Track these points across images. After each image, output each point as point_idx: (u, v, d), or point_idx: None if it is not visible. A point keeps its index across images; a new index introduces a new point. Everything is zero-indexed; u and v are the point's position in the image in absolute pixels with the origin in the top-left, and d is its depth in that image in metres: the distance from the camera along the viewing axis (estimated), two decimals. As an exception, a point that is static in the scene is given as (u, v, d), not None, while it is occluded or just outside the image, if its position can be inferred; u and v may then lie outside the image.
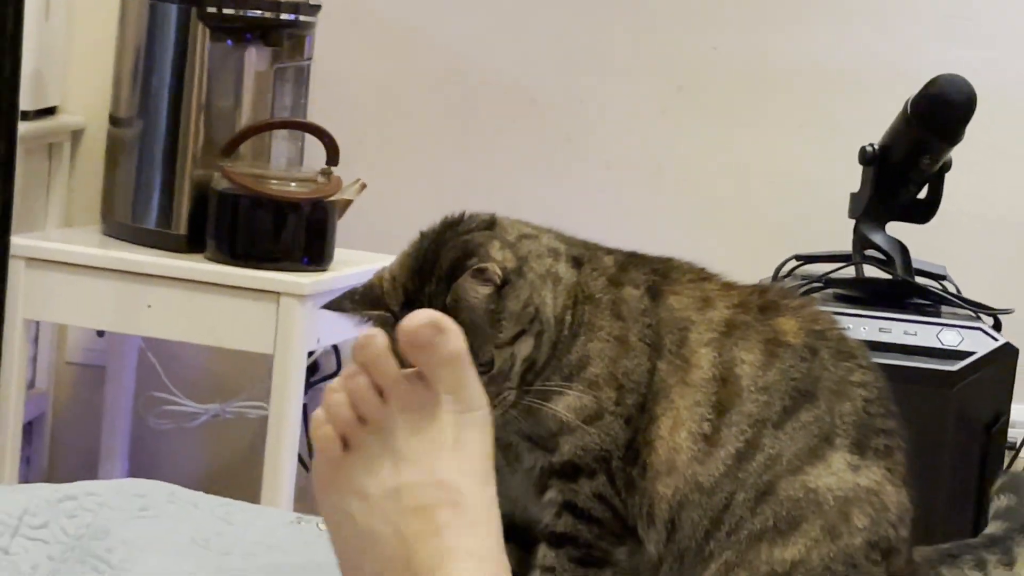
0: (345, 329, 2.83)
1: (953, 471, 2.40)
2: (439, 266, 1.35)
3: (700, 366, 1.38)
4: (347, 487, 1.21)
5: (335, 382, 1.22)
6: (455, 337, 1.19)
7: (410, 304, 1.33)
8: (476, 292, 1.34)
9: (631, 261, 1.44)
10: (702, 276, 1.45)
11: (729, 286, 1.44)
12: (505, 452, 1.40)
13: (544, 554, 1.39)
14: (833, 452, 1.36)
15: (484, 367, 1.33)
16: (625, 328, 1.39)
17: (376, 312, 1.36)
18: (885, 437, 1.39)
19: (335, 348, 3.14)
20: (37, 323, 3.05)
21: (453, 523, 1.18)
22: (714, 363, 1.38)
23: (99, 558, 1.48)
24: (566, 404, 1.37)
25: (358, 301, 1.37)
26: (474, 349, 1.26)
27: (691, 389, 1.37)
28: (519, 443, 1.39)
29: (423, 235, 1.40)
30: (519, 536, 1.40)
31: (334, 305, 1.39)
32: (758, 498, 1.35)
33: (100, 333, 3.15)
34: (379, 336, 1.20)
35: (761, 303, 1.42)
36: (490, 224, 1.40)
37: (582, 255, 1.43)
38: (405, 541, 1.18)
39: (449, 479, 1.19)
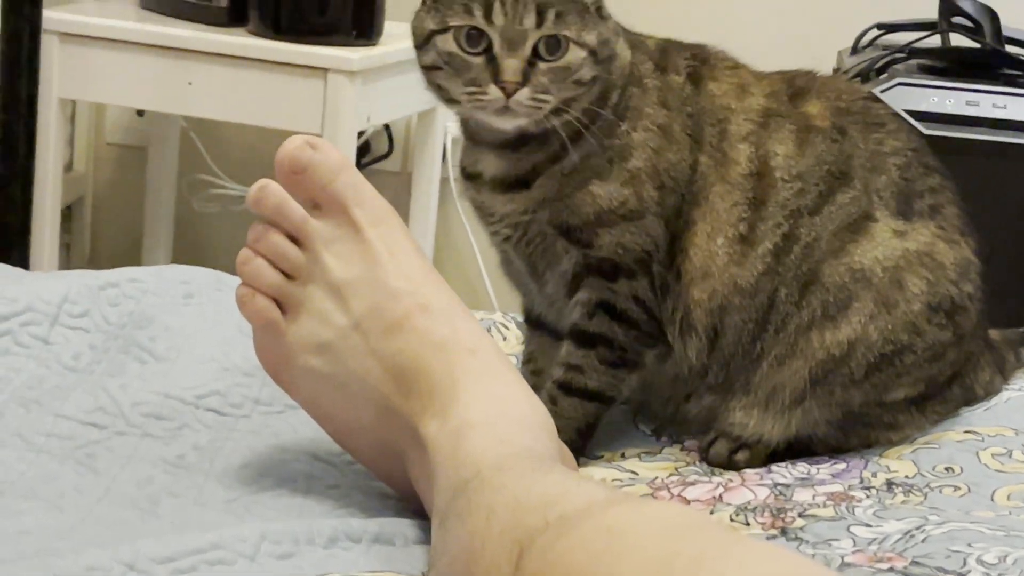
0: (397, 107, 2.79)
1: (1046, 255, 2.29)
2: None
3: (738, 161, 1.33)
4: (303, 349, 1.17)
5: (243, 253, 1.17)
6: (331, 148, 1.18)
7: None
8: None
9: (669, 45, 1.39)
10: (736, 64, 1.40)
11: (760, 74, 1.39)
12: (536, 260, 1.36)
13: (570, 352, 1.35)
14: (875, 224, 1.32)
15: (549, 46, 1.26)
16: (670, 118, 1.33)
17: None
18: (930, 196, 1.35)
19: (386, 127, 3.07)
20: (74, 102, 2.97)
21: (428, 322, 1.14)
22: (751, 158, 1.33)
23: (142, 347, 1.44)
24: (607, 191, 1.31)
25: None
26: (562, 14, 1.26)
27: (729, 187, 1.32)
28: (555, 242, 1.33)
29: None
30: (551, 331, 1.40)
31: None
32: (802, 290, 1.31)
33: (140, 112, 3.10)
34: (270, 183, 1.18)
35: (791, 92, 1.37)
36: None
37: (633, 39, 1.37)
38: (388, 362, 1.14)
39: (402, 286, 1.16)
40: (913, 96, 2.33)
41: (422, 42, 1.30)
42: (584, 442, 1.36)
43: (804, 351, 1.31)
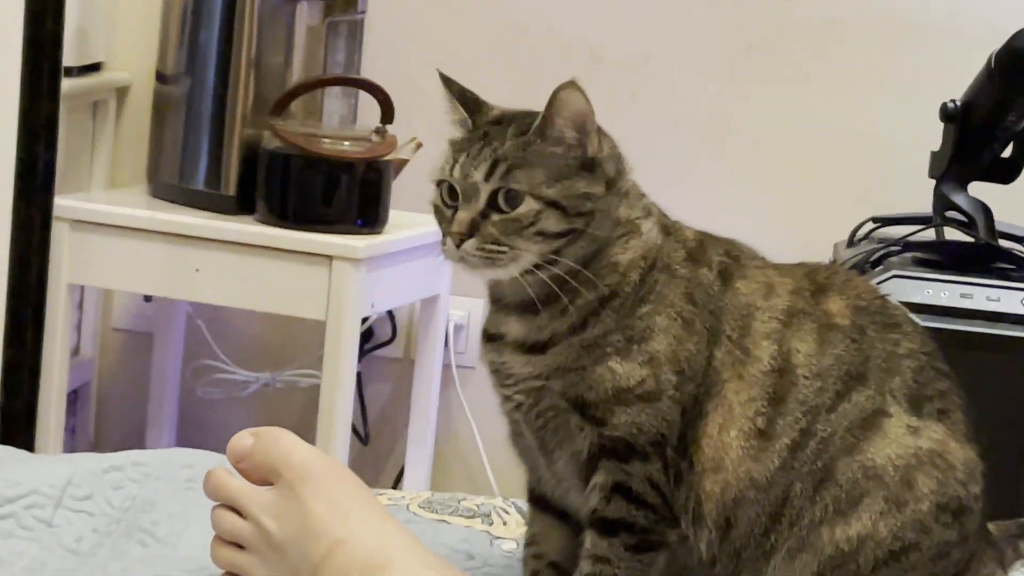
0: (401, 294, 2.83)
1: (1041, 444, 2.31)
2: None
3: (760, 358, 1.35)
4: None
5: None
6: (269, 430, 1.32)
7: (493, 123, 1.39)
8: (566, 126, 1.34)
9: (706, 238, 1.41)
10: (764, 263, 1.42)
11: (783, 270, 1.41)
12: (547, 436, 1.37)
13: (595, 543, 1.35)
14: (888, 420, 1.34)
15: (508, 198, 1.31)
16: (694, 313, 1.35)
17: (463, 117, 1.42)
18: (939, 400, 1.37)
19: (390, 314, 3.11)
20: (82, 288, 3.03)
21: (344, 558, 1.24)
22: (773, 355, 1.35)
23: (145, 531, 1.46)
24: (626, 369, 1.32)
25: (467, 98, 1.45)
26: (512, 168, 1.31)
27: (746, 384, 1.34)
28: (569, 419, 1.35)
29: None
30: (556, 512, 1.42)
31: (447, 80, 1.45)
32: (816, 486, 1.32)
33: (147, 298, 3.14)
34: (211, 473, 1.32)
35: (813, 288, 1.39)
36: None
37: (669, 225, 1.40)
38: None
39: (325, 528, 1.26)
40: (908, 288, 2.37)
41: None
42: None
43: (814, 545, 1.32)
